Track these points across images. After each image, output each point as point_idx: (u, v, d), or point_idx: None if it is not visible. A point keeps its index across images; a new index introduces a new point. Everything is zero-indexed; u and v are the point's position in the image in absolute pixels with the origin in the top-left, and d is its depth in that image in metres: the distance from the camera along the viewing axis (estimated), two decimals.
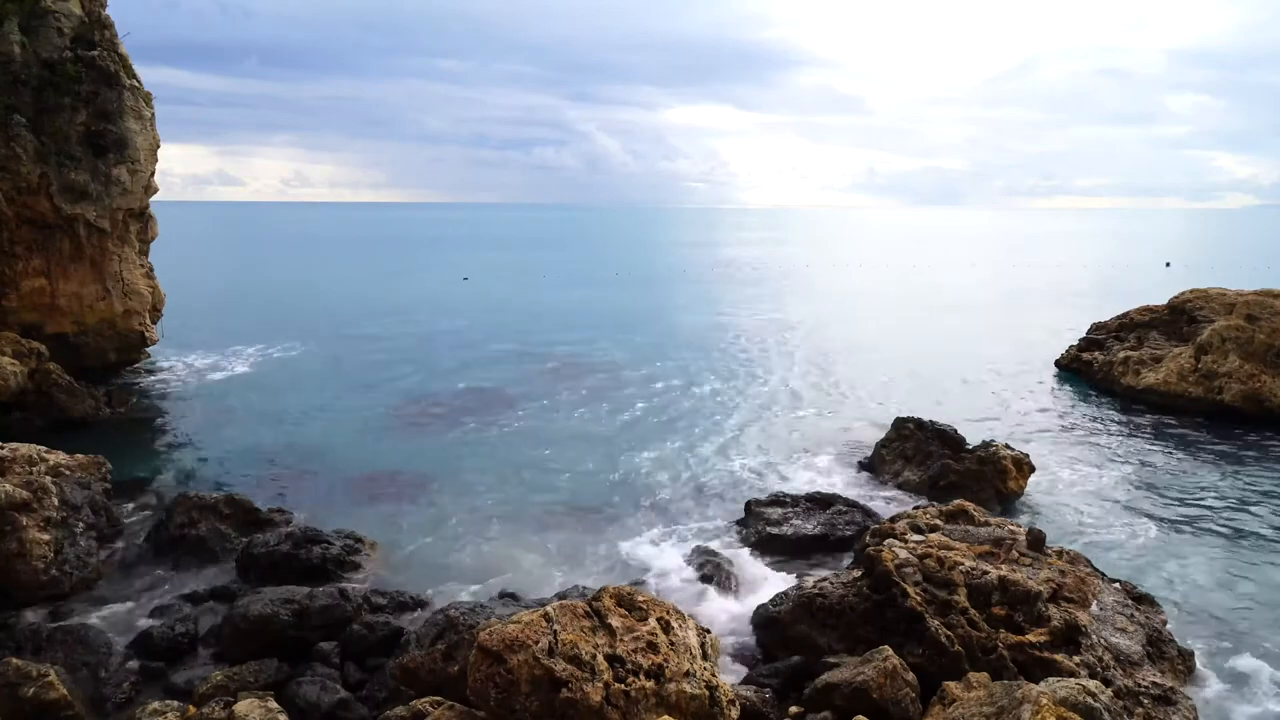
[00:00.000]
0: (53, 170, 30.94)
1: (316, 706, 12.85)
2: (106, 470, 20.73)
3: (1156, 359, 33.76)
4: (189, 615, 15.82)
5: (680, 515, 21.77)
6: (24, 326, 31.38)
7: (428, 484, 23.60)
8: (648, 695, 10.58)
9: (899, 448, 24.32)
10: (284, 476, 24.21)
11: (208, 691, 13.03)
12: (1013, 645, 13.05)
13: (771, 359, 42.13)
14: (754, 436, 28.57)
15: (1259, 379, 30.10)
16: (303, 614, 14.99)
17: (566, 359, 41.64)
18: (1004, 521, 17.18)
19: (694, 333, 50.22)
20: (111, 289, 33.72)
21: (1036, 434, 28.62)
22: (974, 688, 11.78)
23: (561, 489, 23.33)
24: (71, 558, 17.11)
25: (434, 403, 32.94)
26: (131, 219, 34.46)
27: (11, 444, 18.72)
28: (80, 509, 18.44)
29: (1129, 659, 13.31)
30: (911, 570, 14.32)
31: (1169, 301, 37.47)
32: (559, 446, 27.12)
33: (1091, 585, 14.81)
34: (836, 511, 20.10)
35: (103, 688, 13.67)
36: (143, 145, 33.34)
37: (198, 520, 19.12)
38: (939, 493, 21.74)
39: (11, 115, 29.98)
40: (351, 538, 18.85)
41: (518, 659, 10.53)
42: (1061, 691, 10.38)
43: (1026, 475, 22.94)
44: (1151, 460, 25.94)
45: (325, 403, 32.56)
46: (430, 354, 42.49)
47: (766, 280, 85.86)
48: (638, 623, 11.49)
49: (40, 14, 31.35)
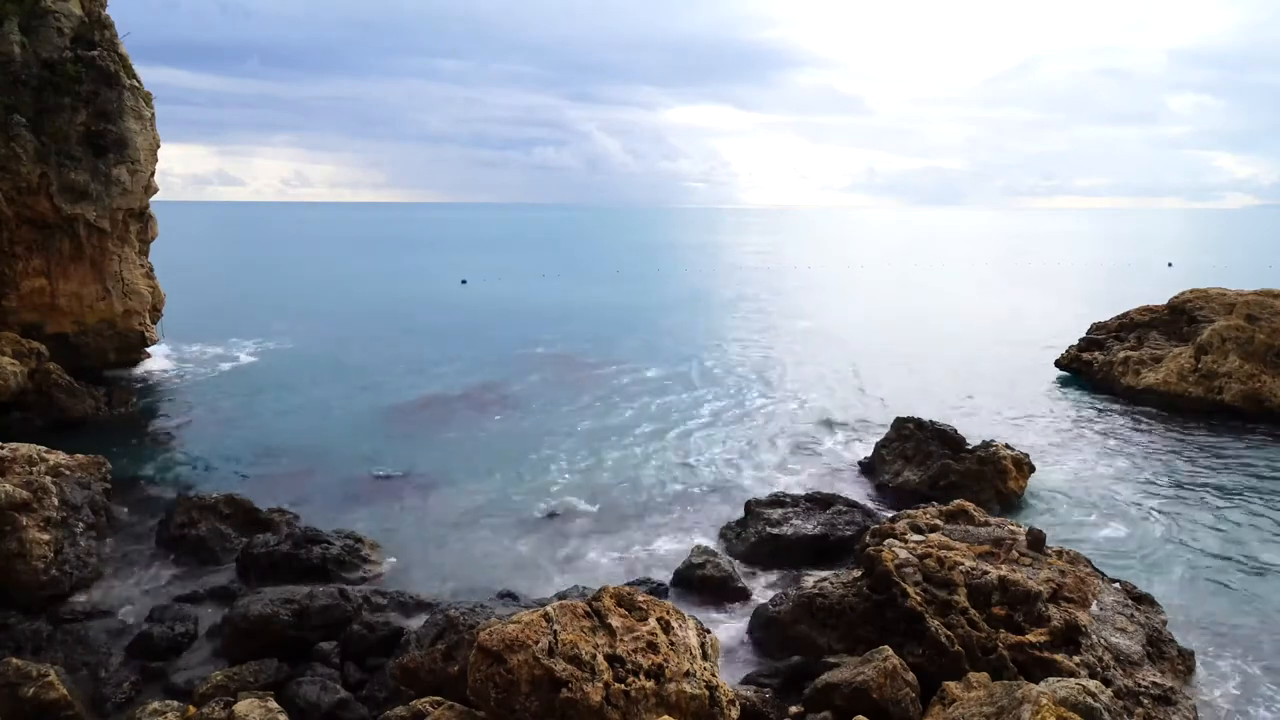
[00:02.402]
0: (53, 170, 30.95)
1: (316, 706, 12.85)
2: (106, 470, 20.74)
3: (1156, 359, 33.76)
4: (189, 615, 15.81)
5: (680, 515, 21.78)
6: (24, 326, 31.38)
7: (428, 484, 23.61)
8: (648, 695, 10.58)
9: (899, 448, 24.32)
10: (284, 476, 24.21)
11: (208, 691, 13.03)
12: (1013, 645, 13.05)
13: (771, 359, 42.13)
14: (754, 436, 28.56)
15: (1259, 379, 30.10)
16: (303, 614, 14.98)
17: (566, 359, 41.64)
18: (1004, 521, 17.18)
19: (694, 333, 50.23)
20: (111, 289, 33.73)
21: (1036, 434, 28.62)
22: (974, 688, 11.78)
23: (561, 489, 23.32)
24: (71, 558, 17.12)
25: (434, 403, 32.94)
26: (131, 219, 34.47)
27: (11, 444, 18.72)
28: (80, 509, 18.44)
29: (1129, 659, 13.31)
30: (911, 570, 14.33)
31: (1169, 301, 37.47)
32: (559, 446, 27.12)
33: (1091, 585, 14.81)
34: (836, 511, 20.10)
35: (103, 688, 13.67)
36: (143, 145, 33.35)
37: (198, 520, 19.13)
38: (939, 493, 21.73)
39: (11, 115, 29.99)
40: (351, 538, 18.85)
41: (518, 659, 10.53)
42: (1061, 691, 10.38)
43: (1026, 475, 22.94)
44: (1152, 460, 25.93)
45: (325, 403, 32.56)
46: (430, 354, 42.48)
47: (766, 280, 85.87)
48: (638, 623, 11.49)
49: (40, 14, 31.36)
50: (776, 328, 52.49)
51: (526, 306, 61.76)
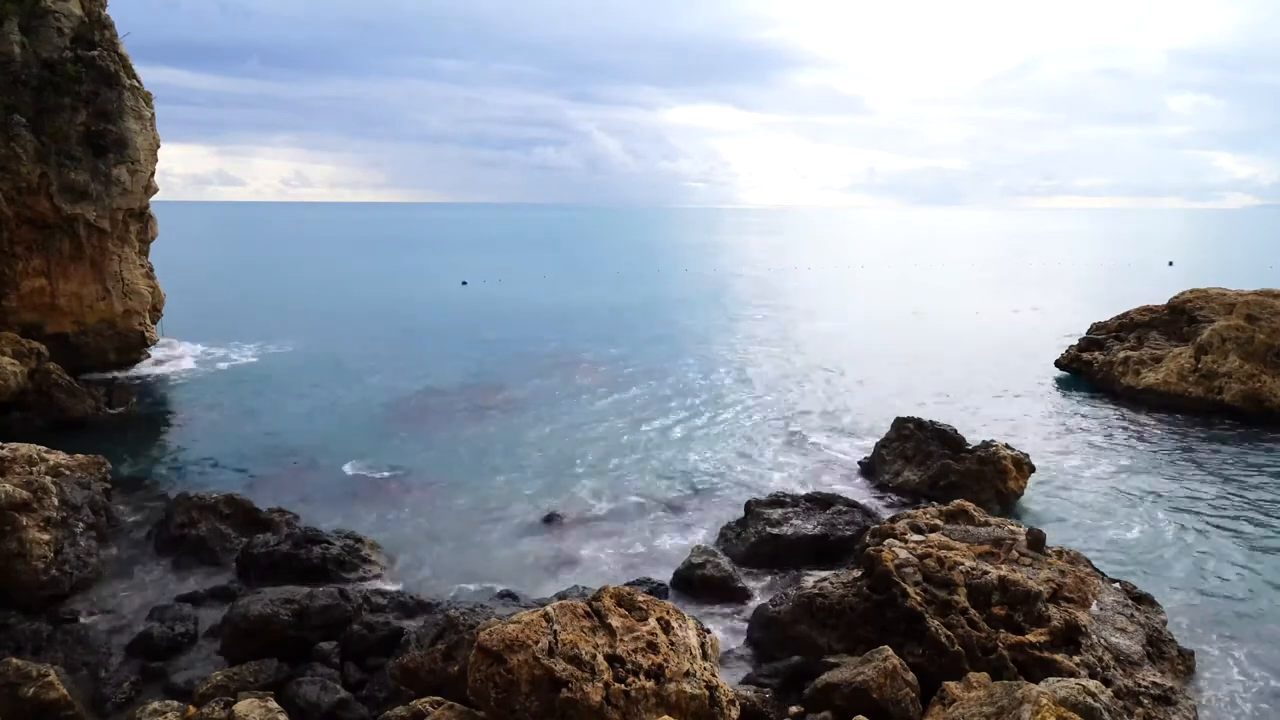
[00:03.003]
0: (53, 170, 30.96)
1: (316, 706, 12.84)
2: (106, 470, 20.75)
3: (1156, 359, 33.76)
4: (189, 615, 15.82)
5: (680, 515, 21.78)
6: (24, 326, 31.40)
7: (427, 483, 23.62)
8: (648, 695, 10.58)
9: (899, 448, 24.32)
10: (284, 476, 24.22)
11: (208, 691, 13.02)
12: (1013, 645, 13.04)
13: (771, 359, 42.15)
14: (754, 436, 28.57)
15: (1259, 379, 30.10)
16: (303, 614, 14.98)
17: (566, 359, 41.65)
18: (1004, 521, 17.18)
19: (694, 333, 50.24)
20: (111, 289, 33.74)
21: (1036, 434, 28.62)
22: (974, 688, 11.77)
23: (561, 489, 23.32)
24: (71, 558, 17.11)
25: (434, 403, 32.94)
26: (131, 219, 34.49)
27: (11, 444, 18.73)
28: (80, 509, 18.44)
29: (1129, 659, 13.31)
30: (911, 570, 14.32)
31: (1169, 301, 37.48)
32: (559, 447, 27.13)
33: (1091, 585, 14.81)
34: (836, 511, 20.09)
35: (103, 688, 13.67)
36: (143, 145, 33.36)
37: (198, 520, 19.13)
38: (939, 493, 21.73)
39: (11, 115, 30.00)
40: (351, 538, 18.85)
41: (518, 659, 10.52)
42: (1061, 691, 10.38)
43: (1026, 475, 22.93)
44: (1151, 460, 25.93)
45: (325, 403, 32.57)
46: (430, 354, 42.51)
47: (767, 280, 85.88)
48: (638, 623, 11.48)
49: (40, 14, 31.39)
50: (777, 328, 52.50)
51: (527, 307, 61.76)
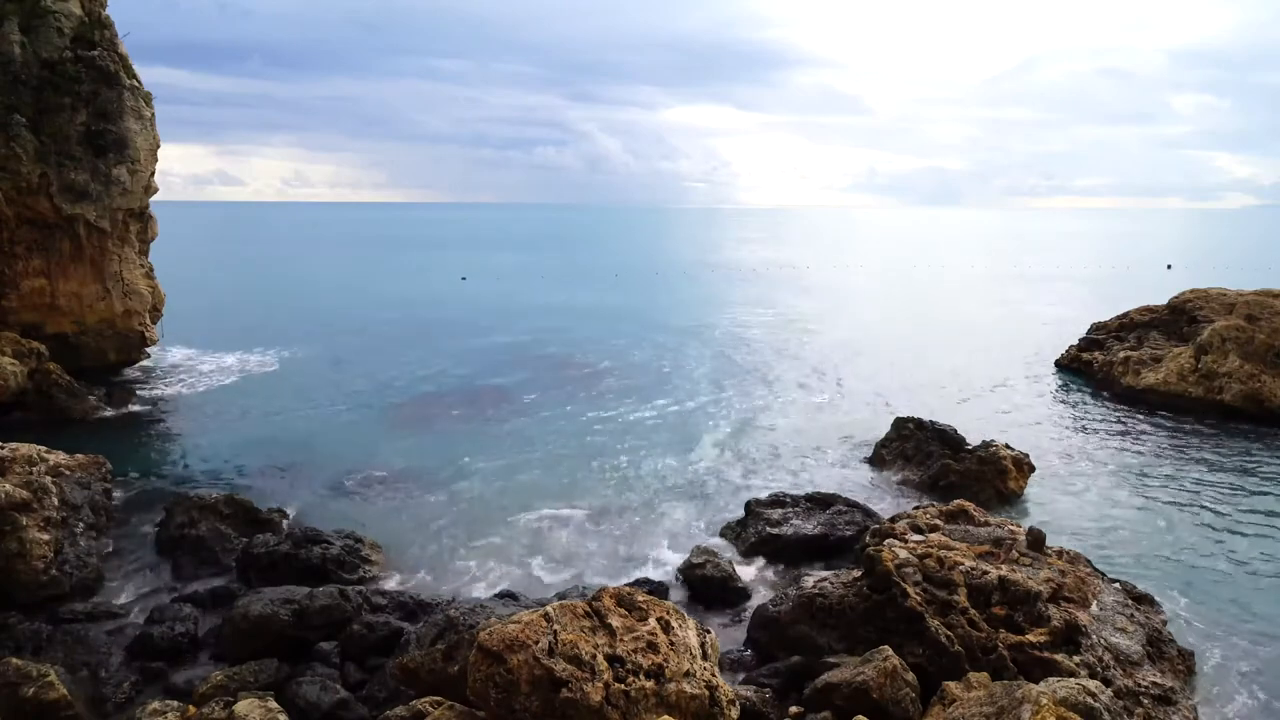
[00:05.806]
0: (53, 170, 30.94)
1: (316, 706, 12.84)
2: (106, 470, 20.74)
3: (1156, 359, 33.76)
4: (189, 615, 15.80)
5: (680, 515, 21.78)
6: (24, 326, 31.39)
7: (427, 484, 23.61)
8: (648, 695, 10.57)
9: (899, 448, 24.33)
10: (284, 476, 24.22)
11: (208, 691, 13.02)
12: (1013, 645, 13.04)
13: (772, 360, 42.15)
14: (754, 437, 28.57)
15: (1259, 379, 30.10)
16: (303, 614, 14.99)
17: (566, 359, 41.65)
18: (1004, 521, 17.18)
19: (694, 333, 50.22)
20: (111, 289, 33.72)
21: (1036, 434, 28.61)
22: (974, 688, 11.77)
23: (561, 489, 23.32)
24: (71, 558, 17.12)
25: (433, 403, 32.94)
26: (131, 219, 34.46)
27: (11, 444, 18.72)
28: (80, 509, 18.44)
29: (1129, 659, 13.31)
30: (912, 570, 14.32)
31: (1169, 301, 37.50)
32: (559, 447, 27.13)
33: (1091, 585, 14.81)
34: (836, 511, 20.10)
35: (103, 688, 13.67)
36: (143, 145, 33.34)
37: (198, 520, 19.12)
38: (939, 493, 21.75)
39: (11, 115, 29.98)
40: (351, 538, 18.85)
41: (518, 659, 10.52)
42: (1061, 691, 10.38)
43: (1026, 475, 22.94)
44: (1152, 460, 25.93)
45: (325, 402, 32.57)
46: (430, 354, 42.50)
47: (767, 280, 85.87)
48: (638, 623, 11.48)
49: (40, 14, 31.35)
50: (776, 328, 52.47)
51: (527, 307, 61.76)
